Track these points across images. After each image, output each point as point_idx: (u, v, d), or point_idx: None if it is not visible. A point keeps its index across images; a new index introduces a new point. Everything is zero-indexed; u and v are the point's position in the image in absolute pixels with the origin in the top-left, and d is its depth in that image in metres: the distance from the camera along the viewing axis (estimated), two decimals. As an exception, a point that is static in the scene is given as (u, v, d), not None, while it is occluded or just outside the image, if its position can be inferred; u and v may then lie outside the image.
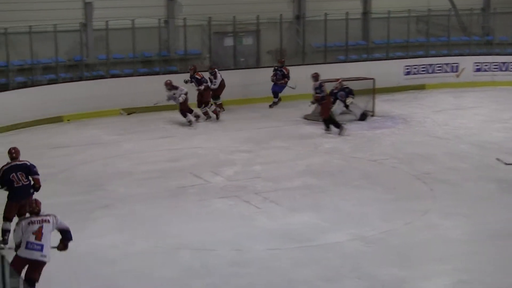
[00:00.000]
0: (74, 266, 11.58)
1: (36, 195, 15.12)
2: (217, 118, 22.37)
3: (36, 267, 10.15)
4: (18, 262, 9.95)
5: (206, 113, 22.36)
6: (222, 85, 23.42)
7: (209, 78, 22.95)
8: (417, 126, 21.65)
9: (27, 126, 21.42)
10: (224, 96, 23.64)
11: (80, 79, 23.58)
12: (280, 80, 24.29)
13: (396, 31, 28.23)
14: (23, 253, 10.09)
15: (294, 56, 27.52)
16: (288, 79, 24.16)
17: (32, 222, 10.19)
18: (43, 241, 10.12)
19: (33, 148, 19.15)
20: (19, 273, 9.76)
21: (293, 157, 18.15)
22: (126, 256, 12.00)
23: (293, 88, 23.84)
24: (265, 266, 11.52)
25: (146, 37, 24.89)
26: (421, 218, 13.66)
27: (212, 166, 17.34)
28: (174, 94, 21.53)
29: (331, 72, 22.57)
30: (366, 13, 29.17)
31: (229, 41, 26.58)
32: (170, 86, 21.57)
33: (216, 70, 23.46)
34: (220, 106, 23.37)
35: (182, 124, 21.91)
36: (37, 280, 10.18)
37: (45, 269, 10.43)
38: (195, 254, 12.01)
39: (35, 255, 10.10)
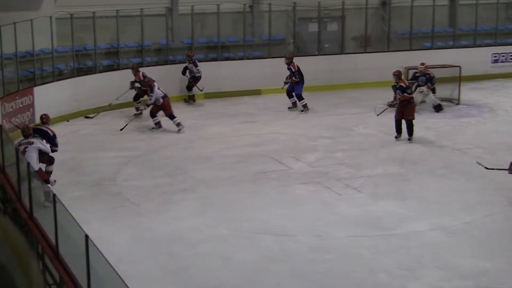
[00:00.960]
0: (155, 247, 11.78)
1: (115, 176, 15.48)
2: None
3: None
4: None
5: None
6: (199, 76, 23.01)
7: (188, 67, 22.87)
8: (503, 115, 21.26)
9: (112, 109, 21.78)
10: (309, 81, 23.53)
11: (165, 63, 23.82)
12: (287, 79, 22.04)
13: (484, 18, 27.70)
14: None
15: (379, 43, 27.29)
16: (297, 78, 21.77)
17: (20, 144, 13.41)
18: (28, 159, 12.48)
19: (116, 131, 19.52)
20: None
21: (375, 144, 18.02)
22: (206, 239, 12.12)
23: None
24: (345, 253, 11.50)
25: (231, 22, 24.99)
26: (504, 209, 13.43)
27: (293, 151, 17.35)
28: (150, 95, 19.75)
29: (417, 59, 22.29)
30: (453, -1, 28.75)
31: (313, 27, 26.46)
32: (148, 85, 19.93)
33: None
34: (192, 98, 23.13)
35: (264, 109, 21.97)
36: (46, 179, 13.69)
37: (126, 249, 10.78)
38: (275, 239, 12.05)
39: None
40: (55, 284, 9.63)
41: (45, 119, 14.97)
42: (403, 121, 18.22)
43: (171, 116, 19.44)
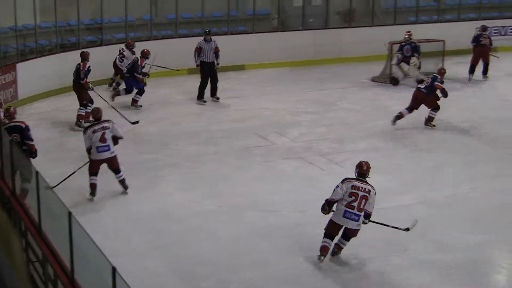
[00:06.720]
0: (142, 223, 11.77)
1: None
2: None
3: (110, 161, 12.82)
4: (95, 164, 12.74)
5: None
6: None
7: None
8: (488, 90, 21.29)
9: (97, 85, 21.59)
10: (293, 56, 23.34)
11: (149, 38, 23.62)
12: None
13: (468, -8, 27.66)
14: (97, 156, 12.68)
15: (363, 17, 27.19)
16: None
17: (95, 131, 12.65)
18: (108, 143, 12.69)
19: (103, 107, 19.39)
20: (97, 173, 12.77)
21: (359, 119, 18.00)
22: (193, 214, 12.15)
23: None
24: (329, 228, 11.49)
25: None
26: (491, 183, 13.48)
27: (277, 127, 17.31)
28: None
29: (401, 34, 22.20)
30: (438, -27, 28.65)
31: (298, 1, 26.29)
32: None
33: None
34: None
35: (248, 84, 21.90)
36: (118, 167, 12.93)
37: (112, 226, 10.77)
38: (260, 215, 12.09)
39: (107, 155, 12.73)
40: (38, 262, 9.60)
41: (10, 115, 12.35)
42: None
43: None
